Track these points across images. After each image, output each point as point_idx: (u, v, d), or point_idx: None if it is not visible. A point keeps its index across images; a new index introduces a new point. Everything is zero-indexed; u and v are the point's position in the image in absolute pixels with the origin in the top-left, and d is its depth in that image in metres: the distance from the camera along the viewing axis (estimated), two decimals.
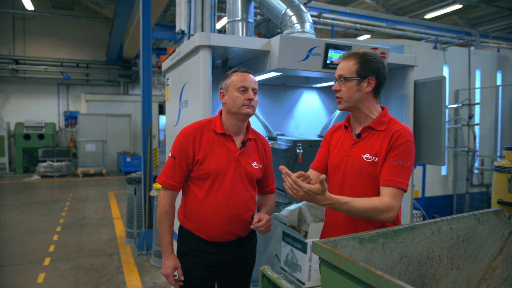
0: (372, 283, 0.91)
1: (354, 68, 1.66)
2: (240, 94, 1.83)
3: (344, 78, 1.68)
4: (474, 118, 5.63)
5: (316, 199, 1.50)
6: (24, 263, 4.55)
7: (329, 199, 1.51)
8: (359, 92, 1.67)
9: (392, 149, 1.62)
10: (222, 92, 1.90)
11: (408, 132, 1.66)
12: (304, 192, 1.48)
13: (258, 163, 1.96)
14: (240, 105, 1.83)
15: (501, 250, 1.52)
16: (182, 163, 1.85)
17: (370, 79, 1.66)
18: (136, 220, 5.15)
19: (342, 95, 1.70)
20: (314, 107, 3.54)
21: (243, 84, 1.84)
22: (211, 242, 1.87)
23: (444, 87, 2.88)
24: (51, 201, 8.18)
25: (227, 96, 1.87)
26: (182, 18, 5.15)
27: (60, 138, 14.33)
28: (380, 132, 1.67)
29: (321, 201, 1.51)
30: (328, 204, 1.52)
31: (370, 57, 1.67)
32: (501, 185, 3.24)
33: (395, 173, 1.58)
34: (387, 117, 1.72)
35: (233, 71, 1.90)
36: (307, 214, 2.35)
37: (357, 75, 1.66)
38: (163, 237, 1.88)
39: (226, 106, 1.88)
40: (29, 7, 10.95)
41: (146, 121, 5.02)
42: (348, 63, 1.68)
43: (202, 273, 1.90)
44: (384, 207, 1.54)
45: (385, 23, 8.69)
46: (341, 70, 1.70)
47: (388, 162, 1.61)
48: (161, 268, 1.90)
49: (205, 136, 1.88)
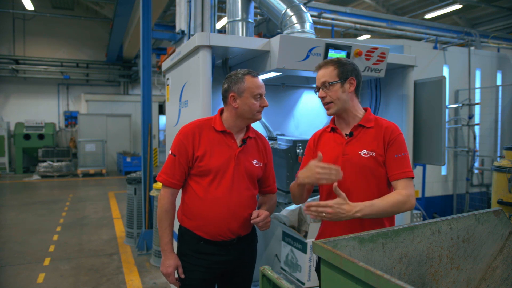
0: (372, 283, 0.91)
1: (334, 73, 1.77)
2: (256, 101, 1.85)
3: (329, 83, 1.77)
4: (474, 118, 5.63)
5: (344, 211, 1.51)
6: (24, 263, 4.55)
7: (355, 207, 1.52)
8: (344, 93, 1.77)
9: (390, 144, 1.73)
10: (233, 95, 1.85)
11: (397, 126, 1.80)
12: (331, 208, 1.51)
13: (258, 161, 1.96)
14: (255, 111, 1.86)
15: (501, 250, 1.52)
16: (182, 161, 1.85)
17: (351, 79, 1.78)
18: (136, 220, 5.15)
19: (331, 98, 1.77)
20: (314, 107, 3.54)
21: (260, 91, 1.85)
22: (210, 242, 1.86)
23: (444, 87, 2.88)
24: (51, 201, 8.18)
25: (240, 101, 1.84)
26: (182, 18, 5.15)
27: (60, 138, 14.33)
28: (370, 129, 1.77)
29: (350, 211, 1.51)
30: (357, 212, 1.52)
31: (344, 60, 1.81)
32: (501, 185, 3.24)
33: (402, 166, 1.70)
34: (372, 116, 1.84)
35: (245, 74, 1.86)
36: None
37: (339, 78, 1.76)
38: (163, 235, 1.87)
39: (238, 110, 1.86)
40: (29, 7, 10.96)
41: (146, 121, 5.02)
42: (327, 70, 1.78)
43: (202, 275, 1.88)
44: (405, 199, 1.62)
45: (385, 23, 8.69)
46: (323, 77, 1.79)
47: (392, 157, 1.71)
48: (160, 266, 1.89)
49: (205, 133, 1.88)
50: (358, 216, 1.53)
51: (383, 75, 2.72)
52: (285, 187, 2.66)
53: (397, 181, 1.69)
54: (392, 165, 1.71)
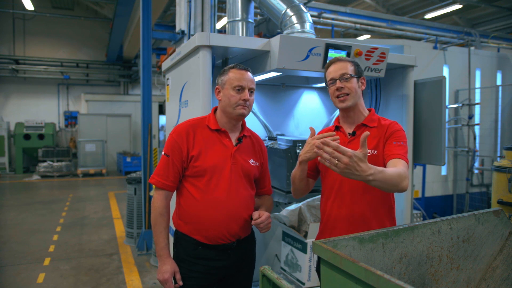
0: (372, 283, 0.91)
1: (352, 68, 1.80)
2: (235, 93, 1.77)
3: (351, 75, 1.77)
4: (474, 118, 5.63)
5: (360, 169, 1.36)
6: (24, 263, 4.55)
7: (370, 168, 1.39)
8: (359, 90, 1.81)
9: (389, 136, 1.74)
10: (218, 88, 1.84)
11: (398, 124, 1.81)
12: (348, 158, 1.33)
13: (255, 161, 1.91)
14: (235, 105, 1.78)
15: (501, 250, 1.52)
16: (176, 161, 1.78)
17: (363, 79, 1.84)
18: (136, 220, 5.15)
19: (349, 90, 1.77)
20: (314, 107, 3.54)
21: (240, 83, 1.77)
22: (209, 246, 1.79)
23: (444, 87, 2.88)
24: (51, 201, 8.18)
25: (222, 93, 1.82)
26: (182, 18, 5.15)
27: (60, 138, 14.34)
28: (372, 128, 1.78)
29: (365, 171, 1.36)
30: (370, 175, 1.38)
31: (356, 61, 1.85)
32: (501, 185, 3.24)
33: (399, 150, 1.67)
34: (376, 116, 1.85)
35: (231, 67, 1.83)
36: (307, 214, 2.36)
37: (356, 74, 1.80)
38: (159, 240, 1.78)
39: (221, 103, 1.83)
40: (29, 7, 10.96)
41: (146, 121, 5.02)
42: (346, 64, 1.80)
43: (200, 281, 1.81)
44: (404, 174, 1.56)
45: (385, 23, 8.69)
46: (342, 69, 1.78)
47: (391, 143, 1.71)
48: (157, 273, 1.80)
49: (199, 132, 1.82)
50: (369, 179, 1.40)
51: (383, 75, 2.72)
52: (285, 187, 2.66)
53: (394, 159, 1.62)
54: (389, 148, 1.69)
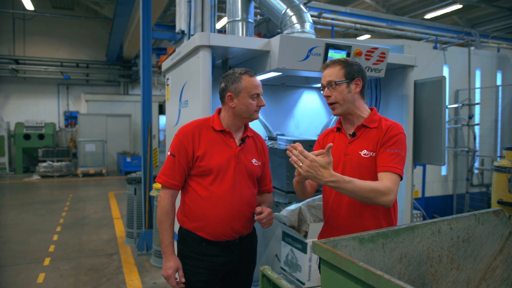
0: (372, 283, 0.91)
1: (341, 73, 1.75)
2: (253, 101, 1.84)
3: (335, 82, 1.75)
4: (474, 118, 5.63)
5: (321, 174, 1.49)
6: (24, 263, 4.55)
7: (333, 175, 1.50)
8: (350, 94, 1.76)
9: (385, 140, 1.70)
10: (230, 95, 1.84)
11: (400, 126, 1.76)
12: (310, 162, 1.48)
13: (257, 160, 1.97)
14: (253, 111, 1.86)
15: (501, 250, 1.52)
16: (182, 161, 1.83)
17: (357, 80, 1.77)
18: (136, 220, 5.15)
19: (336, 99, 1.76)
20: (314, 107, 3.54)
21: (257, 91, 1.84)
22: (212, 242, 1.85)
23: (444, 87, 2.88)
24: (51, 201, 8.18)
25: (237, 101, 1.84)
26: (182, 18, 5.15)
27: (60, 138, 14.33)
28: (373, 129, 1.76)
29: (325, 177, 1.49)
30: (332, 182, 1.50)
31: (351, 61, 1.79)
32: (501, 185, 3.24)
33: (392, 160, 1.65)
34: (377, 116, 1.81)
35: (242, 73, 1.85)
36: (307, 214, 2.36)
37: (345, 78, 1.75)
38: (164, 237, 1.85)
39: (235, 110, 1.85)
40: (29, 7, 10.96)
41: (146, 121, 5.02)
42: (334, 69, 1.77)
43: (204, 277, 1.87)
44: (385, 190, 1.56)
45: (385, 23, 8.69)
46: (329, 76, 1.77)
47: (385, 151, 1.68)
48: (162, 269, 1.88)
49: (204, 133, 1.88)
50: (330, 186, 1.51)
51: (383, 75, 2.72)
52: (285, 187, 2.66)
53: (383, 173, 1.63)
54: (382, 158, 1.67)
